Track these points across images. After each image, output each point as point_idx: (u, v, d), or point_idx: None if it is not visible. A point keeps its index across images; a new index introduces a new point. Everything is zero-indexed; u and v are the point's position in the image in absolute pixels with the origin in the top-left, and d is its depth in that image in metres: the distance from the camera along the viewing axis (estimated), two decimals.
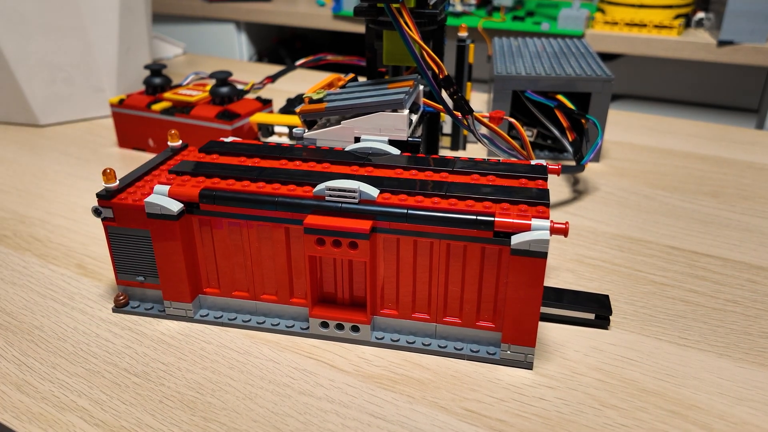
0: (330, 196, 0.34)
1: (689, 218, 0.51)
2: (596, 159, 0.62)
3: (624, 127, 0.72)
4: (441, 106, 0.44)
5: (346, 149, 0.41)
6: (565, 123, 0.57)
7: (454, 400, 0.32)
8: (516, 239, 0.31)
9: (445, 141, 0.67)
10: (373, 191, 0.34)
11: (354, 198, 0.33)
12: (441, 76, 0.42)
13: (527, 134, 0.62)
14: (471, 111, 0.44)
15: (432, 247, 0.33)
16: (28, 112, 0.72)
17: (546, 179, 0.35)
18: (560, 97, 0.58)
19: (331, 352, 0.35)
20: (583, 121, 0.59)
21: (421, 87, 0.48)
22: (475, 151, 0.64)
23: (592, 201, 0.54)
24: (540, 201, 0.33)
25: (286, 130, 0.62)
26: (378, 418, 0.31)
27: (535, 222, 0.31)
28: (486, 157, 0.39)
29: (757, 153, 0.65)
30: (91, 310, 0.39)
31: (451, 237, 0.32)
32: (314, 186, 0.35)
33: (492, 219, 0.31)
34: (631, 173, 0.59)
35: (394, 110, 0.41)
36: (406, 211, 0.33)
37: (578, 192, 0.55)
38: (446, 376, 0.33)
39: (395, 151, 0.40)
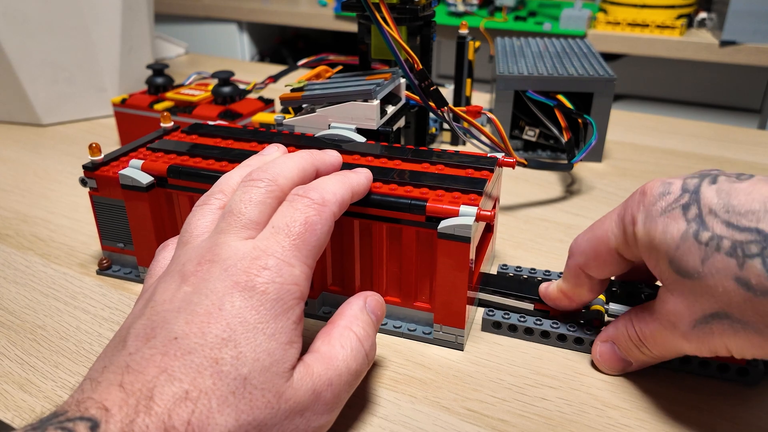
0: None
1: None
2: (598, 159, 0.61)
3: (626, 127, 0.72)
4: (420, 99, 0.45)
5: (316, 135, 0.42)
6: (563, 123, 0.57)
7: (456, 400, 0.32)
8: (443, 224, 0.32)
9: (446, 136, 0.67)
10: None
11: None
12: (417, 69, 0.43)
13: (530, 134, 0.62)
14: (446, 103, 0.45)
15: (372, 228, 0.35)
16: (31, 112, 0.72)
17: (492, 170, 0.37)
18: (560, 96, 0.58)
19: None
20: (579, 120, 0.59)
21: (402, 80, 0.48)
22: (474, 146, 0.64)
23: (594, 201, 0.54)
24: (474, 189, 0.34)
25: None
26: (380, 417, 0.31)
27: (463, 208, 0.32)
28: (457, 149, 0.40)
29: (759, 153, 0.65)
30: (94, 310, 0.39)
31: (390, 220, 0.34)
32: None
33: (424, 204, 0.33)
34: (633, 173, 0.59)
35: (365, 100, 0.43)
36: None
37: (580, 192, 0.55)
38: (448, 376, 0.33)
39: (360, 139, 0.42)
